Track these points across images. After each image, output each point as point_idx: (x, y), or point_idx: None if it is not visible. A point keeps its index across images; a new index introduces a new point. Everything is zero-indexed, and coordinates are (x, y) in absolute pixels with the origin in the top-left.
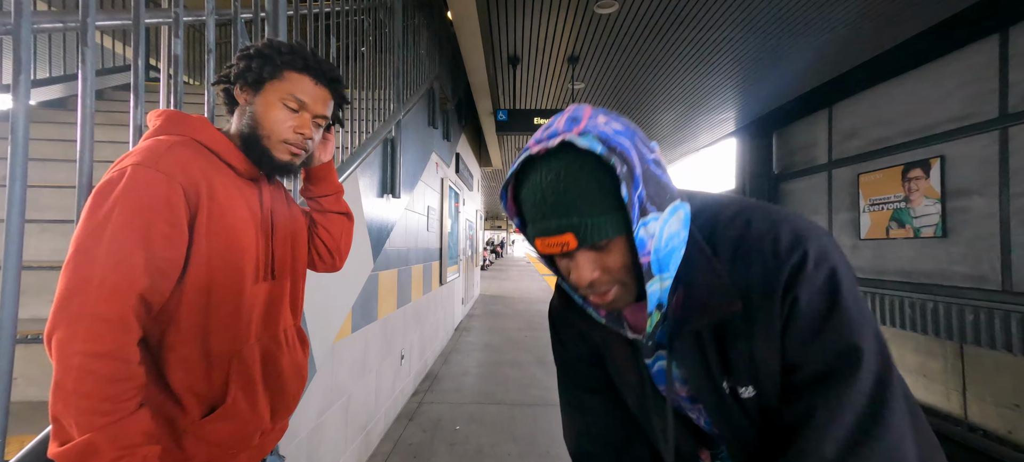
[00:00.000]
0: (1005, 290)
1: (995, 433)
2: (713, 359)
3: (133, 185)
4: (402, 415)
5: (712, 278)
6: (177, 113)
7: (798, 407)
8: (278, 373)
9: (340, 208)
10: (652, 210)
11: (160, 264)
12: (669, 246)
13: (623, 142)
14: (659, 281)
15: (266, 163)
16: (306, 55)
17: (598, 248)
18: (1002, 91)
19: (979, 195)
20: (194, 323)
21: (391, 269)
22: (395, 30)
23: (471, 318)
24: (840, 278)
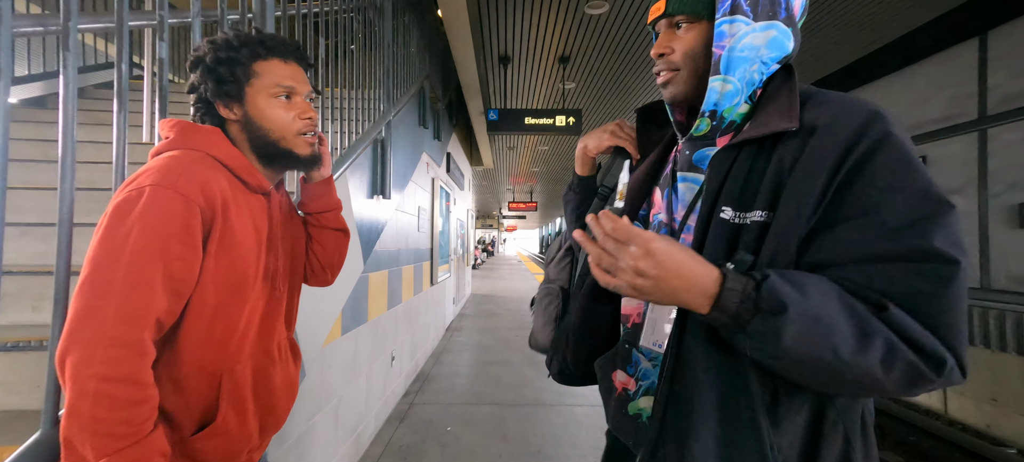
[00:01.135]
0: (983, 287)
1: (974, 427)
2: (729, 187)
3: (152, 206)
4: (393, 417)
5: (784, 105)
6: (191, 125)
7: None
8: (270, 390)
9: (338, 225)
10: (747, 13)
11: (176, 285)
12: (743, 54)
13: None
14: (721, 82)
15: (293, 163)
16: (260, 38)
17: (677, 25)
18: (981, 93)
19: (959, 194)
20: (192, 341)
21: (381, 270)
22: (385, 30)
23: (462, 318)
24: (914, 153)
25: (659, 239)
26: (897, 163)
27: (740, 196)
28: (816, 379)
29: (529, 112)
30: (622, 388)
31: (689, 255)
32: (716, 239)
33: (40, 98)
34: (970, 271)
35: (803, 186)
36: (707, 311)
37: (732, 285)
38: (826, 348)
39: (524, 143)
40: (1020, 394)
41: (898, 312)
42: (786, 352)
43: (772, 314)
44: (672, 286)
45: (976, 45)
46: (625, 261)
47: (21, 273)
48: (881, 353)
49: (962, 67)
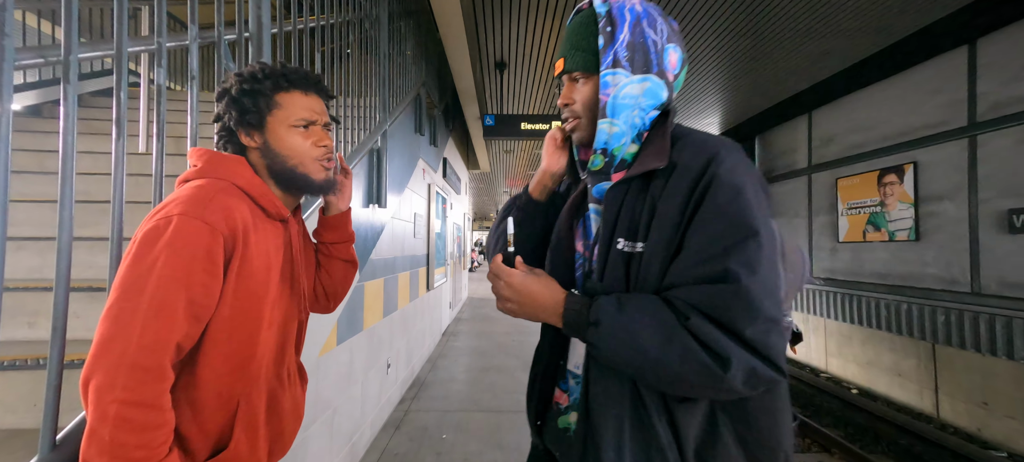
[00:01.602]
0: (974, 292)
1: (965, 430)
2: (623, 219)
3: (179, 235)
4: (388, 424)
5: (659, 146)
6: (217, 155)
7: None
8: (280, 416)
9: (348, 256)
10: (626, 67)
11: (196, 311)
12: (625, 102)
13: (625, 14)
14: (609, 124)
15: (309, 188)
16: (284, 71)
17: (574, 79)
18: (970, 100)
19: (950, 200)
20: (211, 366)
21: (377, 279)
22: (381, 40)
23: (459, 322)
24: (746, 178)
25: (518, 275)
26: (722, 198)
27: (629, 228)
28: (640, 375)
29: (525, 118)
30: (555, 403)
31: (542, 285)
32: (614, 267)
33: (36, 106)
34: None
35: (664, 219)
36: (560, 325)
37: (570, 306)
38: (633, 351)
39: (520, 147)
40: (1011, 398)
41: (697, 320)
42: (606, 353)
43: (594, 325)
44: (530, 308)
45: (966, 52)
46: (499, 291)
47: (17, 289)
48: (679, 352)
49: (952, 74)
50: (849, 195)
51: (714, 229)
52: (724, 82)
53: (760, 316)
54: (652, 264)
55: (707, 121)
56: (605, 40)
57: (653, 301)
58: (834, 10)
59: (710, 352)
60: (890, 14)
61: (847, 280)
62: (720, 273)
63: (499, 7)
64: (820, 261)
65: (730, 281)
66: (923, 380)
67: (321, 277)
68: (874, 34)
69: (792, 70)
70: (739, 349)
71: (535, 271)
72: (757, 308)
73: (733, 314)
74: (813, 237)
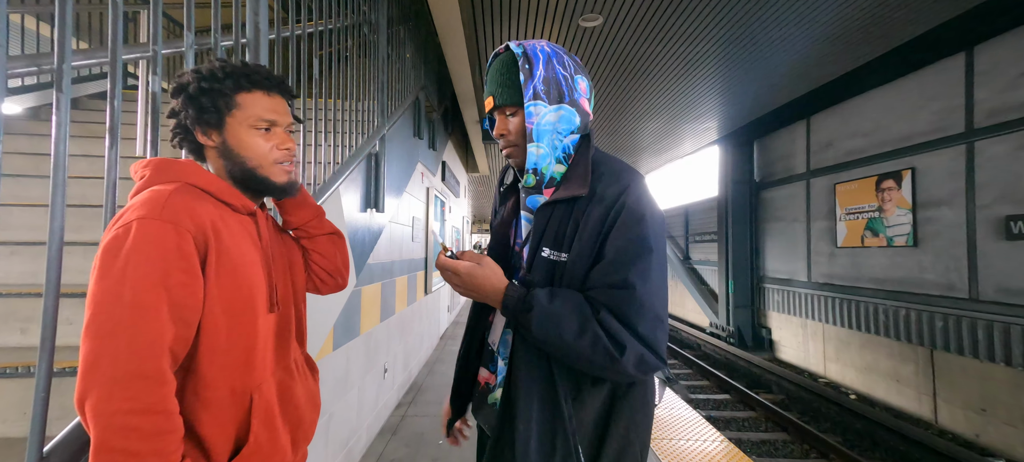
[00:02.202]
0: (972, 298)
1: (963, 436)
2: (549, 232)
3: (143, 238)
4: (385, 429)
5: (581, 174)
6: (164, 160)
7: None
8: (295, 405)
9: (326, 229)
10: (542, 100)
11: (182, 313)
12: (545, 128)
13: (538, 54)
14: (536, 147)
15: (269, 190)
16: (246, 70)
17: (505, 113)
18: (968, 107)
19: (948, 206)
20: (214, 365)
21: (375, 283)
22: (379, 45)
23: (457, 325)
24: (648, 208)
25: (464, 266)
26: (628, 222)
27: (554, 240)
28: (560, 354)
29: None
30: (484, 382)
31: (486, 275)
32: (539, 269)
33: (34, 109)
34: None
35: (584, 236)
36: (500, 308)
37: (510, 293)
38: (556, 335)
39: None
40: (1008, 404)
41: (606, 315)
42: (535, 333)
43: (527, 311)
44: (475, 290)
45: (962, 60)
46: (446, 277)
47: (9, 295)
48: (590, 339)
49: (950, 80)
50: (847, 200)
51: (620, 246)
52: (722, 87)
53: (648, 315)
54: (575, 270)
55: (705, 126)
56: (525, 76)
57: (576, 297)
58: (831, 18)
59: (612, 340)
60: (888, 22)
61: (845, 285)
62: (622, 281)
63: (498, 11)
64: (818, 266)
65: (628, 288)
66: (921, 386)
67: (314, 260)
68: (872, 41)
69: (791, 76)
70: (633, 340)
71: (483, 260)
72: (647, 309)
73: (630, 313)
74: (811, 242)
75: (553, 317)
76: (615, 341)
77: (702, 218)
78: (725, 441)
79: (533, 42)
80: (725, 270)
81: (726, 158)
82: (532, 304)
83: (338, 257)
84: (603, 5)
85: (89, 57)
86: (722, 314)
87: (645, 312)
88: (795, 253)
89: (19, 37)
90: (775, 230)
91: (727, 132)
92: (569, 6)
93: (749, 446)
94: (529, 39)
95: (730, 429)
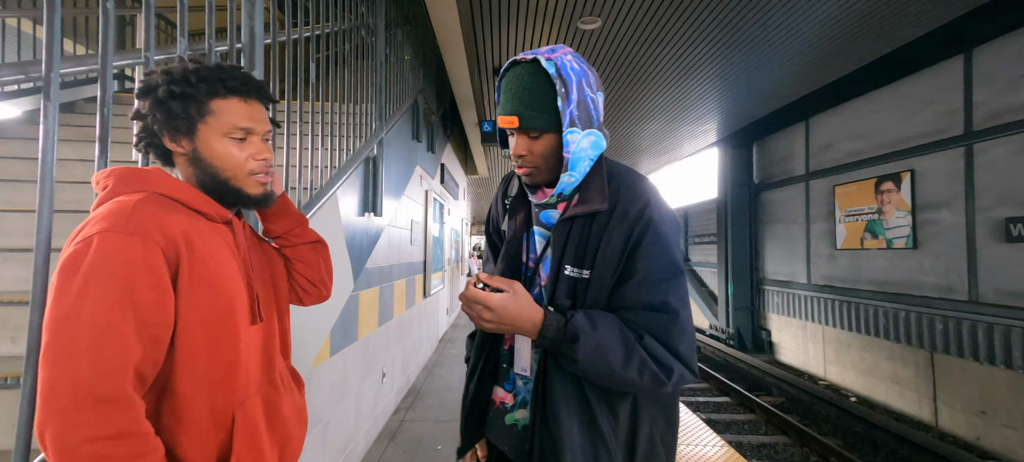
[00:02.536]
0: (972, 300)
1: (964, 440)
2: (569, 249)
3: (105, 254)
4: (383, 435)
5: (599, 188)
6: (128, 169)
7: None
8: (282, 421)
9: (309, 238)
10: (577, 126)
11: (151, 331)
12: (580, 155)
13: (571, 75)
14: (568, 176)
15: (243, 202)
16: (222, 75)
17: (531, 135)
18: (967, 109)
19: (947, 208)
20: (193, 383)
21: (372, 287)
22: (377, 48)
23: (456, 328)
24: (670, 222)
25: (495, 297)
26: (656, 241)
27: (575, 257)
28: (603, 381)
29: None
30: (500, 402)
31: (519, 304)
32: (562, 288)
33: (31, 112)
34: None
35: (608, 253)
36: (536, 338)
37: (549, 322)
38: (604, 363)
39: None
40: (1009, 407)
41: (650, 340)
42: (580, 365)
43: (572, 341)
44: (509, 323)
45: (961, 62)
46: (477, 313)
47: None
48: (637, 366)
49: (949, 83)
50: (847, 202)
51: (654, 265)
52: (722, 89)
53: (687, 336)
54: (599, 287)
55: (704, 128)
56: (562, 101)
57: (614, 321)
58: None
59: (660, 365)
60: (886, 24)
61: (845, 287)
62: (662, 304)
63: (497, 14)
64: (818, 268)
65: (670, 312)
66: (921, 388)
67: (297, 269)
68: (870, 43)
69: (790, 78)
70: (676, 362)
71: (515, 287)
72: (686, 331)
73: (672, 335)
74: (811, 244)
75: (600, 348)
76: (662, 366)
77: (701, 220)
78: (725, 445)
79: (560, 54)
80: (725, 272)
81: (725, 160)
82: (577, 334)
83: (321, 266)
84: (602, 8)
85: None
86: (722, 316)
87: (684, 334)
88: (795, 255)
89: (15, 41)
90: (775, 232)
91: (726, 134)
92: (568, 9)
93: (749, 449)
94: (548, 46)
95: (730, 432)
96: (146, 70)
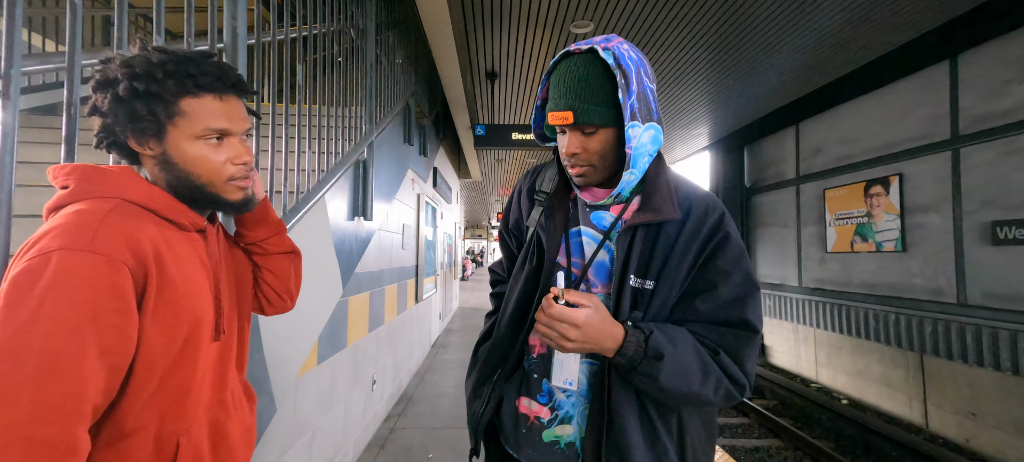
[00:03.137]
0: (960, 303)
1: (954, 441)
2: (633, 258)
3: (66, 274)
4: (373, 443)
5: (667, 195)
6: (93, 170)
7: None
8: (228, 445)
9: (284, 247)
10: (638, 119)
11: (112, 359)
12: (641, 151)
13: (629, 64)
14: (630, 174)
15: (222, 208)
16: (192, 69)
17: (585, 131)
18: (953, 114)
19: (935, 212)
20: (137, 410)
21: (363, 293)
22: (367, 50)
23: (449, 333)
24: (741, 242)
25: (581, 314)
26: (733, 255)
27: (639, 267)
28: (675, 399)
29: (516, 128)
30: (534, 417)
31: (602, 319)
32: (625, 298)
33: None
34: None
35: (678, 267)
36: (613, 355)
37: (631, 338)
38: (684, 383)
39: (512, 156)
40: (997, 409)
41: (725, 357)
42: (660, 385)
43: (655, 359)
44: (593, 342)
45: (947, 67)
46: (561, 332)
47: None
48: (714, 385)
49: (935, 88)
50: (836, 206)
51: (734, 281)
52: (714, 93)
53: (756, 353)
54: (665, 300)
55: (696, 132)
56: (623, 93)
57: (689, 337)
58: (818, 26)
59: (734, 383)
60: (875, 29)
61: (836, 290)
62: (742, 322)
63: (490, 18)
64: (809, 271)
65: (750, 330)
66: (912, 391)
67: (265, 279)
68: (859, 48)
69: (780, 83)
70: (745, 378)
71: (593, 301)
72: (757, 349)
73: (747, 354)
74: (802, 247)
75: (681, 367)
76: (736, 384)
77: None
78: (719, 450)
79: (616, 43)
80: None
81: (717, 164)
82: (661, 352)
83: (291, 278)
84: (594, 13)
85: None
86: None
87: (755, 351)
88: (786, 258)
89: None
90: (766, 235)
91: (718, 138)
92: (560, 13)
93: (743, 453)
94: (603, 35)
95: (723, 436)
96: (102, 58)
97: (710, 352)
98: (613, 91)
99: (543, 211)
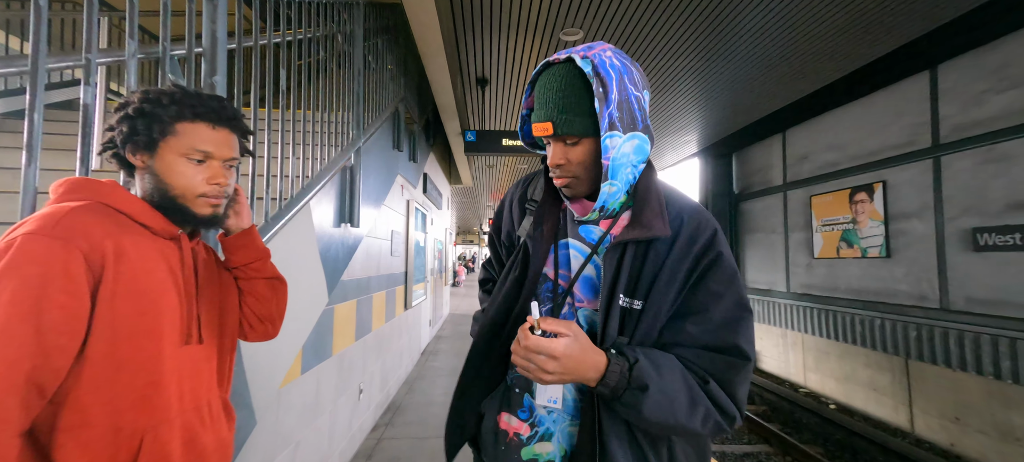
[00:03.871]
0: (943, 308)
1: (940, 446)
2: (622, 276)
3: (24, 255)
4: (359, 454)
5: (657, 211)
6: (82, 180)
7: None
8: (199, 454)
9: (267, 273)
10: (618, 129)
11: (57, 339)
12: (621, 162)
13: (610, 72)
14: (609, 186)
15: (190, 220)
16: (194, 101)
17: (567, 142)
18: (934, 122)
19: (918, 218)
20: (98, 399)
21: (349, 300)
22: (355, 55)
23: (439, 340)
24: (734, 271)
25: (559, 345)
26: (725, 276)
27: (628, 286)
28: (660, 430)
29: (507, 133)
30: (514, 433)
31: (582, 348)
32: (613, 319)
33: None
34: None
35: (667, 286)
36: (595, 385)
37: (614, 367)
38: (670, 415)
39: (503, 161)
40: (982, 413)
41: (714, 386)
42: (644, 416)
43: (639, 390)
44: (573, 373)
45: (927, 78)
46: (539, 364)
47: None
48: (702, 416)
49: (916, 97)
50: (823, 212)
51: (725, 304)
52: (702, 101)
53: (747, 381)
54: (653, 321)
55: (685, 139)
56: (600, 102)
57: (676, 364)
58: (802, 36)
59: (724, 414)
60: (858, 39)
61: (823, 296)
62: (732, 347)
63: (480, 25)
64: (797, 276)
65: (741, 358)
66: (898, 395)
67: (248, 303)
68: (842, 59)
69: (766, 91)
70: (735, 408)
71: (573, 329)
72: (749, 377)
73: (738, 382)
74: (789, 253)
75: (666, 396)
76: (726, 415)
77: None
78: None
79: (598, 50)
80: None
81: (706, 170)
82: (645, 383)
83: (273, 304)
84: (584, 20)
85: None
86: None
87: (747, 379)
88: (774, 264)
89: None
90: (754, 241)
91: (707, 144)
92: (550, 20)
93: (732, 459)
94: (586, 44)
95: (713, 441)
96: (142, 89)
97: (699, 381)
98: (592, 100)
99: (533, 220)
